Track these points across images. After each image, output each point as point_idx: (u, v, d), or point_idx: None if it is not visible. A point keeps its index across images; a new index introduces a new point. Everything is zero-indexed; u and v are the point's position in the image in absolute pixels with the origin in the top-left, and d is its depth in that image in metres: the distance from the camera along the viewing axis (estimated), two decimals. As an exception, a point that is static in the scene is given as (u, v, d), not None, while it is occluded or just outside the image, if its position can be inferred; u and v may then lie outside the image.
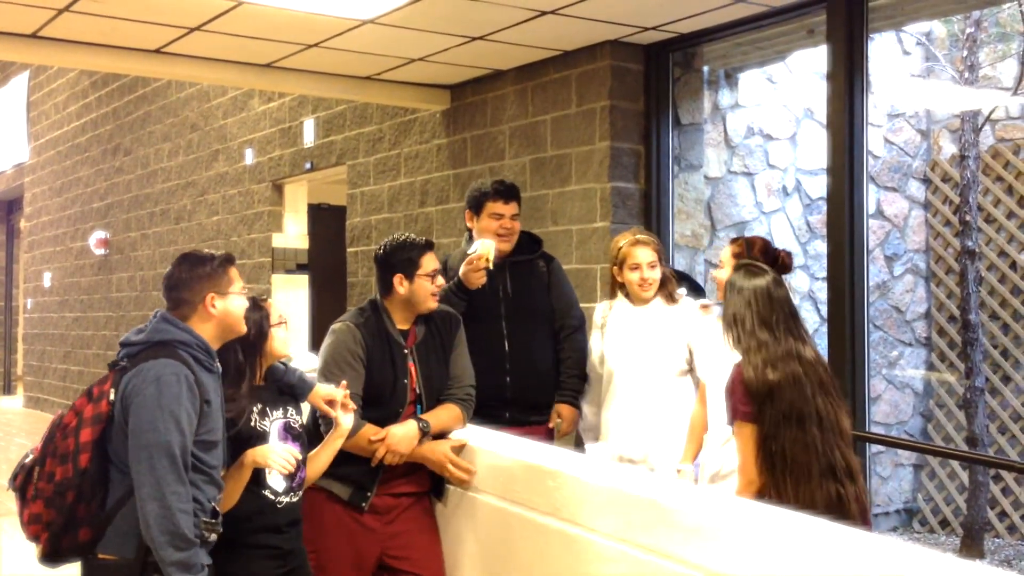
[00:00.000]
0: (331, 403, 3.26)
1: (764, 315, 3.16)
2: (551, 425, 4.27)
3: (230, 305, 2.93)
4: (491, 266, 4.01)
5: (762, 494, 3.06)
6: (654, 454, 3.97)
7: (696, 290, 4.40)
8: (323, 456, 3.29)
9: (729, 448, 3.64)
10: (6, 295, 16.90)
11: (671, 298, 4.07)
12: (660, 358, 4.00)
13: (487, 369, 3.99)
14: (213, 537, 2.85)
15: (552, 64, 6.04)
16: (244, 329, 2.99)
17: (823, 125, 5.21)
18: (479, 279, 4.01)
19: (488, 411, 3.97)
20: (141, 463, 2.69)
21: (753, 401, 3.08)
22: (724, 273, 3.69)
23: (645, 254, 4.00)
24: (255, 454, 3.01)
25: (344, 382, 3.30)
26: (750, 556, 2.43)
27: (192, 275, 2.91)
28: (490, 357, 4.09)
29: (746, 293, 3.20)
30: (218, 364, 2.94)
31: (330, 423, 3.31)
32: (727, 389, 3.19)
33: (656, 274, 4.02)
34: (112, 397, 2.77)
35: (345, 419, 3.27)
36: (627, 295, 4.08)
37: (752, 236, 3.87)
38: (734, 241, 3.77)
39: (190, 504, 2.70)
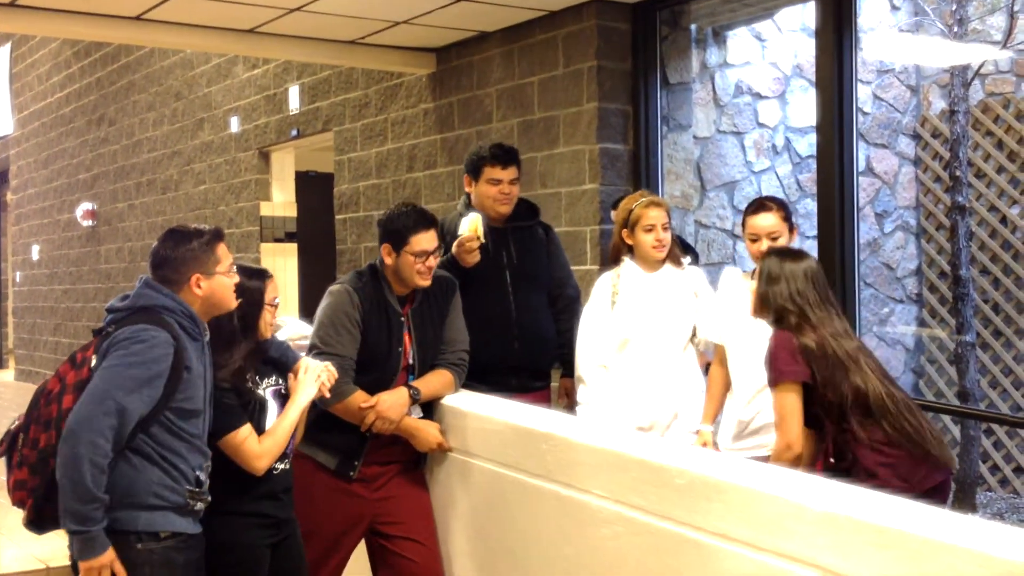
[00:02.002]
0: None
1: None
2: (558, 402, 4.25)
3: (216, 285, 2.89)
4: (484, 240, 3.93)
5: (840, 445, 3.15)
6: (676, 419, 3.94)
7: (695, 261, 4.37)
8: (284, 423, 3.11)
9: (758, 403, 3.65)
10: (-6, 269, 16.83)
11: (678, 262, 4.04)
12: (677, 324, 3.96)
13: (495, 337, 4.00)
14: (200, 506, 2.85)
15: (538, 25, 5.98)
16: (233, 305, 2.96)
17: (812, 83, 5.18)
18: (473, 259, 3.94)
19: (495, 378, 3.95)
20: (82, 400, 2.67)
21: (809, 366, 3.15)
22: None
23: (659, 215, 3.95)
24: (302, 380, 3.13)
25: (328, 363, 3.25)
26: (742, 513, 2.43)
27: (176, 254, 2.86)
28: (497, 325, 4.06)
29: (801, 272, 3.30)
30: (206, 333, 2.92)
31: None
32: (772, 352, 3.21)
33: (668, 236, 3.98)
34: (94, 363, 2.76)
35: (302, 392, 3.16)
36: (635, 260, 4.03)
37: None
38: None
39: (105, 461, 2.64)
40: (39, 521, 2.83)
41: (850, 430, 3.12)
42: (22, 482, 2.80)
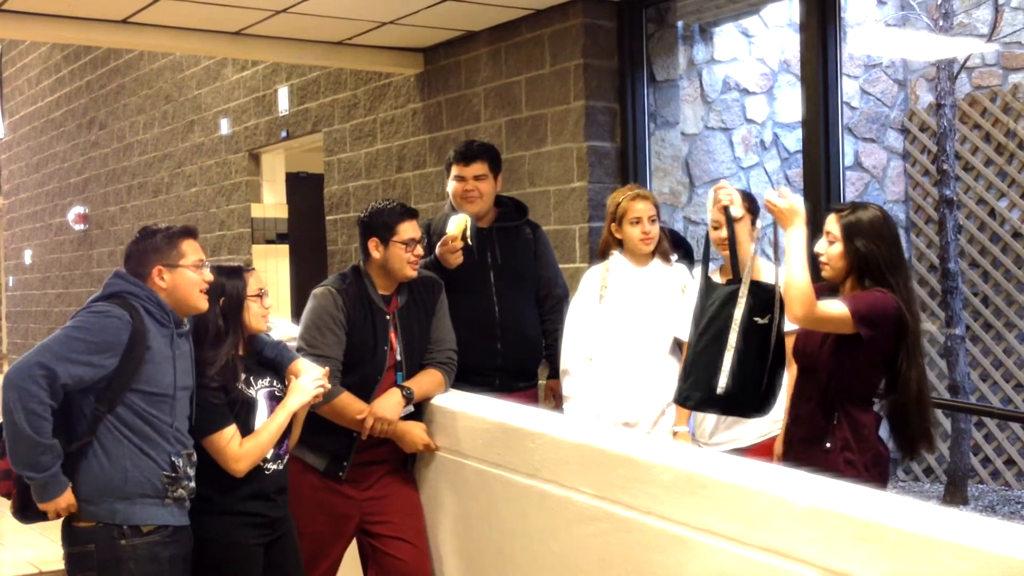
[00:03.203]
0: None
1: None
2: (544, 402, 4.24)
3: (180, 279, 2.94)
4: (470, 242, 3.88)
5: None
6: (663, 416, 3.90)
7: (688, 255, 4.35)
8: (271, 427, 3.12)
9: None
10: (-13, 274, 16.81)
11: (666, 258, 4.02)
12: (664, 320, 3.93)
13: (478, 337, 3.96)
14: (180, 492, 2.88)
15: (524, 23, 5.98)
16: (203, 305, 2.99)
17: (799, 78, 5.18)
18: (455, 260, 3.88)
19: (479, 379, 3.92)
20: (27, 355, 2.72)
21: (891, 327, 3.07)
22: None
23: (646, 208, 3.92)
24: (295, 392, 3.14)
25: (327, 368, 3.27)
26: (727, 508, 2.45)
27: (139, 248, 2.97)
28: (481, 325, 4.03)
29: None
30: (177, 323, 2.95)
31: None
32: (871, 300, 3.06)
33: (656, 229, 3.95)
34: None
35: (293, 396, 3.17)
36: (623, 254, 4.00)
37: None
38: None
39: (41, 408, 2.67)
40: (23, 510, 2.89)
41: (859, 409, 3.14)
42: (6, 472, 2.86)
